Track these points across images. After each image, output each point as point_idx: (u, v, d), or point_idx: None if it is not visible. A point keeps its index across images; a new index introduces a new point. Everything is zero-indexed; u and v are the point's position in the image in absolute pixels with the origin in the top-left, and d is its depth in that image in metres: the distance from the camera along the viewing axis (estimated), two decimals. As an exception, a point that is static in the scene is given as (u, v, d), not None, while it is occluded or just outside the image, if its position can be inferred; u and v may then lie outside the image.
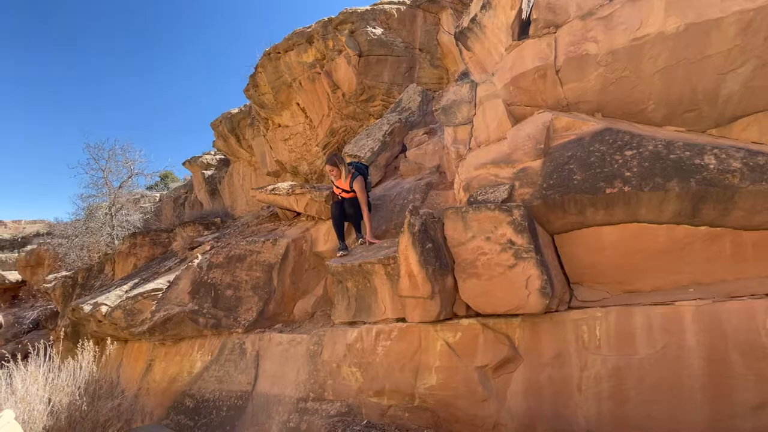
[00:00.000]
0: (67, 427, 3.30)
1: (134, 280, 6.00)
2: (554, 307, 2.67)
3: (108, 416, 3.50)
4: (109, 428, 3.48)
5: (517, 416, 2.68)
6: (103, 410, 3.48)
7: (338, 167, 4.20)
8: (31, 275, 19.54)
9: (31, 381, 3.24)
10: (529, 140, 2.98)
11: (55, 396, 3.32)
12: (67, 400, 3.39)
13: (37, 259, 19.08)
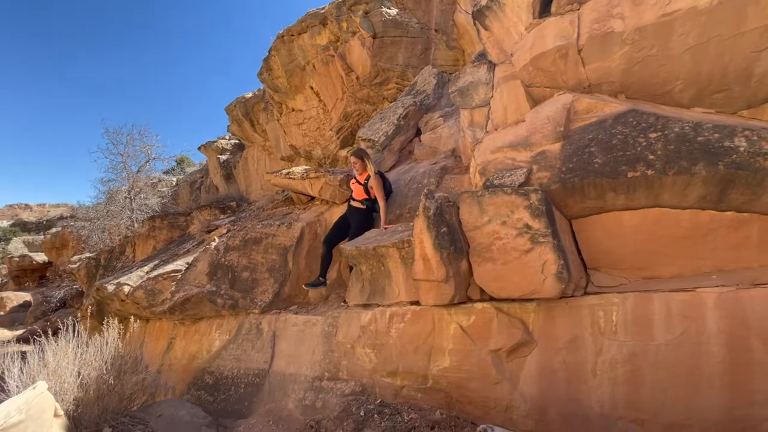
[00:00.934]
0: (96, 399, 3.47)
1: (154, 262, 6.18)
2: (570, 293, 2.65)
3: (133, 390, 3.67)
4: (135, 401, 3.65)
5: (530, 399, 2.70)
6: (128, 384, 3.64)
7: (363, 161, 4.21)
8: (57, 256, 20.33)
9: (61, 355, 3.40)
10: (549, 123, 2.91)
11: (84, 370, 3.49)
12: (95, 373, 3.55)
13: (62, 241, 19.79)
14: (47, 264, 21.16)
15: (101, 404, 3.48)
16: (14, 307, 18.33)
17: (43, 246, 21.37)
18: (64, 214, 27.69)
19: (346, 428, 3.10)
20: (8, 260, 22.39)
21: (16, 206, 41.07)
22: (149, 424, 3.49)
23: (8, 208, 40.62)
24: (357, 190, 4.24)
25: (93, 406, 3.43)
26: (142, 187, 13.64)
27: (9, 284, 21.97)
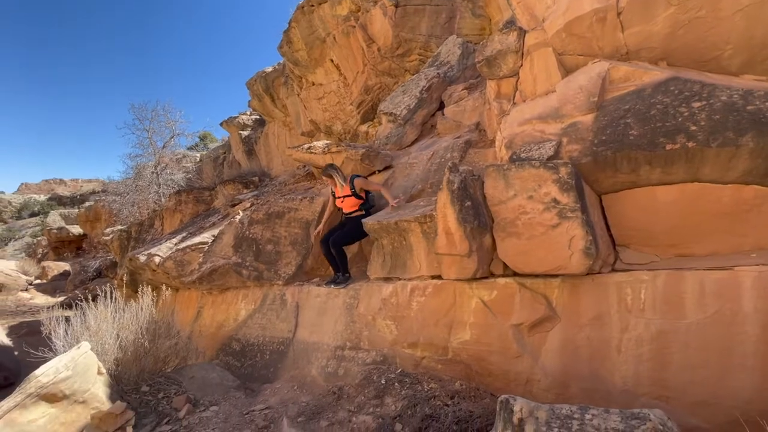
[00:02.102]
0: (134, 360, 3.70)
1: (182, 234, 6.39)
2: (597, 269, 2.59)
3: (167, 353, 3.89)
4: (169, 363, 3.88)
5: (551, 373, 2.70)
6: (162, 347, 3.86)
7: (333, 177, 4.20)
8: (91, 229, 21.34)
9: (101, 318, 3.62)
10: (581, 93, 2.77)
11: (122, 333, 3.71)
12: (132, 336, 3.78)
13: (95, 215, 20.71)
14: (83, 236, 22.27)
15: (139, 365, 3.72)
16: (55, 275, 19.54)
17: (78, 219, 22.45)
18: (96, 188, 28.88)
19: (368, 395, 3.21)
20: (47, 232, 23.72)
21: (52, 181, 43.03)
22: (183, 384, 3.71)
23: (45, 183, 42.62)
24: (348, 202, 4.21)
25: (131, 366, 3.66)
26: (168, 162, 13.99)
27: (49, 255, 23.34)
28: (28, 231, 29.33)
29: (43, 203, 33.99)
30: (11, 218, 33.47)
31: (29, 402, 2.55)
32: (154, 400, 3.47)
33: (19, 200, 35.63)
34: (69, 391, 2.73)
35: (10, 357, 7.77)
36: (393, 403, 3.01)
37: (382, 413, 2.93)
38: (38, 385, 2.61)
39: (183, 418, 3.24)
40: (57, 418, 2.65)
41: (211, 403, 3.45)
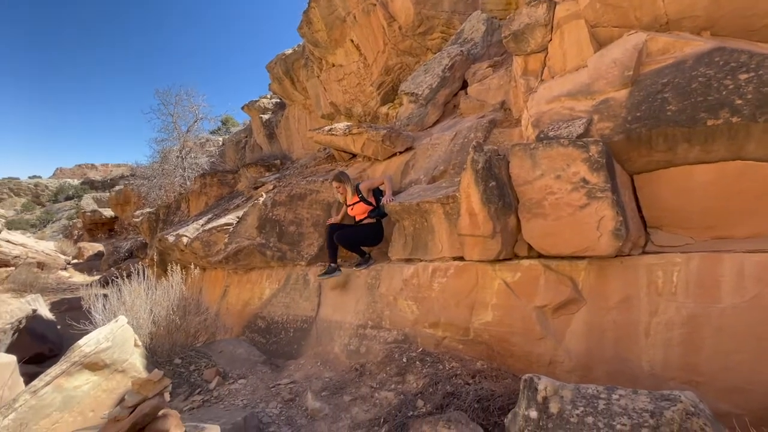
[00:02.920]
0: (166, 334, 3.89)
1: (208, 216, 6.58)
2: (627, 251, 2.52)
3: (197, 328, 4.07)
4: (199, 338, 4.06)
5: (575, 355, 2.68)
6: (192, 323, 4.03)
7: (344, 184, 4.14)
8: (122, 211, 22.23)
9: (135, 295, 3.81)
10: (615, 67, 2.64)
11: (155, 309, 3.89)
12: (163, 312, 3.96)
13: (125, 198, 21.53)
14: (114, 218, 23.26)
15: (171, 339, 3.91)
16: (90, 255, 20.59)
17: (109, 202, 23.42)
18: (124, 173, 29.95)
19: (389, 372, 3.28)
20: (82, 215, 24.89)
21: (84, 166, 44.84)
22: (212, 358, 3.88)
23: (78, 167, 44.47)
24: (358, 209, 4.13)
25: (164, 340, 3.86)
26: (192, 146, 14.31)
27: (84, 236, 24.55)
28: (64, 214, 30.87)
29: (77, 187, 35.57)
30: (48, 201, 35.25)
31: (74, 370, 2.73)
32: (186, 372, 3.65)
33: (55, 184, 37.40)
34: (109, 361, 2.90)
35: (54, 331, 8.31)
36: (414, 380, 3.07)
37: (403, 390, 2.99)
38: (82, 355, 2.78)
39: (214, 389, 3.40)
40: (99, 385, 2.83)
41: (239, 376, 3.60)
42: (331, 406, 3.02)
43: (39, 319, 7.82)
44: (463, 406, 2.60)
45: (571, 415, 1.65)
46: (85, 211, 24.66)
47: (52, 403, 2.55)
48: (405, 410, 2.71)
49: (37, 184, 37.25)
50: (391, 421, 2.64)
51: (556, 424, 1.67)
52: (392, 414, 2.71)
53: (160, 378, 1.85)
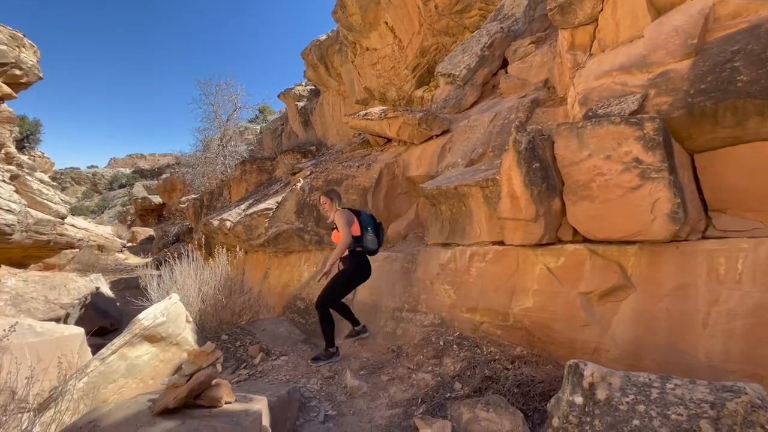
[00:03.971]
0: (213, 312, 4.12)
1: (249, 201, 6.84)
2: (684, 236, 2.35)
3: (241, 307, 4.28)
4: (244, 316, 4.27)
5: (622, 344, 2.56)
6: (237, 302, 4.24)
7: (331, 200, 3.50)
8: (169, 198, 23.61)
9: (186, 275, 4.05)
10: (677, 35, 2.42)
11: (203, 288, 4.13)
12: (211, 291, 4.19)
13: (171, 185, 22.82)
14: (162, 204, 24.76)
15: (218, 317, 4.14)
16: (142, 239, 22.14)
17: (157, 189, 24.92)
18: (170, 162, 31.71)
19: (426, 355, 3.30)
20: (134, 201, 26.70)
21: (135, 156, 47.86)
22: (256, 335, 4.08)
23: (129, 157, 47.55)
24: (335, 234, 3.53)
25: (211, 317, 4.09)
26: (232, 135, 14.85)
27: (136, 221, 26.37)
28: (119, 200, 33.26)
29: (129, 176, 38.10)
30: (104, 189, 38.09)
31: (135, 341, 2.97)
32: (233, 347, 3.86)
33: (110, 174, 40.28)
34: (165, 334, 3.13)
35: (114, 307, 9.07)
36: (452, 363, 3.07)
37: (440, 372, 3.01)
38: (141, 327, 3.01)
39: (258, 364, 3.58)
40: (157, 356, 3.06)
41: (281, 353, 3.77)
42: (369, 385, 3.09)
43: (101, 296, 8.55)
44: (501, 391, 2.58)
45: (620, 402, 1.59)
46: (137, 198, 26.44)
47: (117, 370, 2.80)
48: (442, 391, 2.72)
49: (94, 173, 40.29)
50: (429, 401, 2.67)
51: (604, 411, 1.61)
52: (429, 395, 2.74)
53: (213, 350, 1.97)
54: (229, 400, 2.00)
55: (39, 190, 10.59)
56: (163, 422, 1.72)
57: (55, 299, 6.49)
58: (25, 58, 10.48)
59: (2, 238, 8.15)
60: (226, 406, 1.95)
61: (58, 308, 6.45)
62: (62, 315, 6.51)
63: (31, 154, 16.48)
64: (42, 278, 6.93)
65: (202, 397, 1.91)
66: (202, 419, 1.77)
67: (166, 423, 1.71)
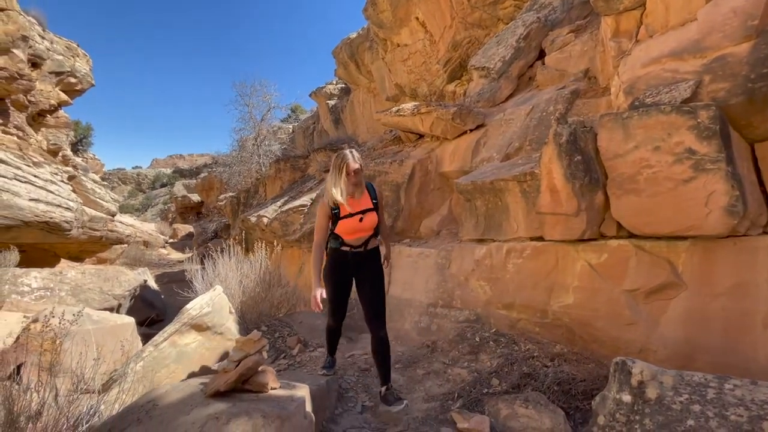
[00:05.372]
0: (253, 304, 4.30)
1: (284, 198, 7.04)
2: (743, 231, 2.21)
3: (279, 300, 4.43)
4: (281, 308, 4.42)
5: (672, 344, 2.45)
6: (276, 295, 4.40)
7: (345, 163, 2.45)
8: (207, 196, 24.68)
9: (228, 268, 4.24)
10: (735, 16, 2.27)
11: (244, 281, 4.31)
12: (251, 284, 4.37)
13: (209, 184, 23.84)
14: (201, 202, 25.94)
15: (257, 309, 4.31)
16: (183, 236, 23.29)
17: (196, 188, 26.12)
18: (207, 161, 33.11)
19: (462, 351, 3.29)
20: (175, 200, 28.13)
21: (175, 156, 50.37)
22: (293, 327, 4.21)
23: (169, 158, 50.11)
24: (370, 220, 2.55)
25: (252, 309, 4.27)
26: (266, 134, 15.29)
27: (177, 218, 27.77)
28: (161, 199, 35.15)
29: (170, 175, 40.14)
30: (148, 188, 40.37)
31: (184, 329, 3.15)
32: (272, 338, 4.01)
33: (152, 174, 42.61)
34: (210, 324, 3.30)
35: (159, 299, 9.62)
36: (488, 359, 3.04)
37: (477, 368, 2.99)
38: (189, 317, 3.19)
39: (296, 355, 3.71)
40: (204, 344, 3.24)
41: (318, 345, 3.87)
42: (405, 378, 3.12)
43: (148, 288, 9.09)
44: (541, 388, 2.54)
45: (673, 401, 1.53)
46: (177, 197, 27.83)
47: (168, 356, 2.98)
48: (479, 387, 2.71)
49: (138, 173, 42.76)
50: (465, 396, 2.66)
51: (655, 410, 1.56)
52: (466, 390, 2.73)
53: (259, 338, 2.06)
54: (274, 386, 2.09)
55: (92, 189, 11.38)
56: (216, 404, 1.82)
57: (109, 290, 6.98)
58: (79, 67, 11.27)
59: (62, 234, 8.84)
60: (272, 392, 2.04)
61: (112, 299, 6.93)
62: (115, 305, 6.99)
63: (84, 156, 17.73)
64: (97, 271, 7.47)
65: (250, 382, 2.01)
66: (250, 402, 1.86)
67: (219, 404, 1.81)
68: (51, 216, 8.28)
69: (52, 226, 8.35)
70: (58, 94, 10.62)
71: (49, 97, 10.18)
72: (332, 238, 2.61)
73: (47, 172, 8.92)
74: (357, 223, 2.51)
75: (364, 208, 2.54)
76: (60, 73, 10.59)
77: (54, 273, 6.80)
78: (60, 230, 8.66)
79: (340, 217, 2.52)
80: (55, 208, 8.50)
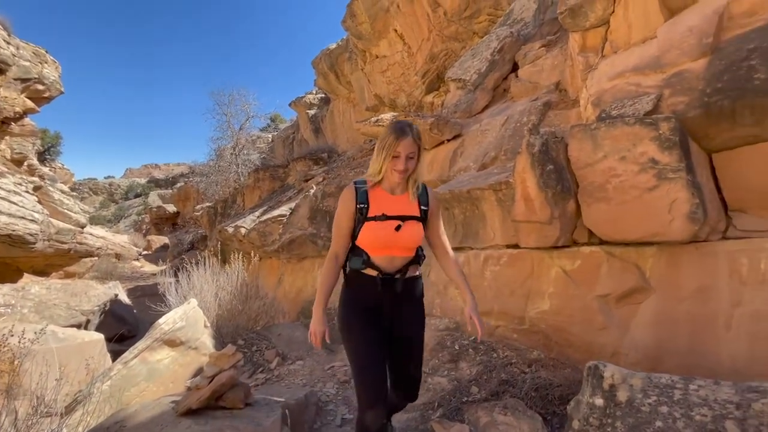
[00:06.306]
0: (230, 317, 4.19)
1: (262, 208, 6.95)
2: (704, 236, 2.31)
3: (257, 312, 4.34)
4: (259, 321, 4.33)
5: (642, 347, 2.52)
6: (253, 307, 4.31)
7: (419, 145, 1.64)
8: (183, 207, 24.06)
9: (203, 280, 4.13)
10: (691, 35, 2.41)
11: (220, 293, 4.20)
12: (227, 297, 4.27)
13: (185, 194, 23.27)
14: (177, 213, 25.25)
15: (234, 322, 4.20)
16: (158, 247, 22.55)
17: (172, 198, 25.45)
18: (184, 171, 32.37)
19: (442, 359, 3.29)
20: (149, 210, 27.28)
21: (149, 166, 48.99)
22: (272, 340, 4.12)
23: (144, 167, 48.69)
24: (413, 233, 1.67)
25: (228, 322, 4.16)
26: (244, 143, 15.10)
27: (151, 230, 26.90)
28: (134, 210, 34.01)
29: (144, 185, 38.95)
30: (121, 199, 39.01)
31: (156, 345, 3.04)
32: (249, 352, 3.91)
33: (126, 184, 41.26)
34: (184, 339, 3.19)
35: (131, 314, 9.24)
36: (468, 367, 3.06)
37: (457, 376, 3.00)
38: (162, 332, 3.08)
39: (274, 368, 3.63)
40: (176, 360, 3.13)
41: (297, 358, 3.80)
42: (385, 389, 3.10)
43: (119, 303, 8.73)
44: (519, 395, 2.56)
45: (642, 404, 1.58)
46: (152, 207, 27.00)
47: (139, 374, 2.86)
48: (459, 395, 2.72)
49: (111, 183, 41.30)
50: (446, 405, 2.66)
51: (625, 413, 1.60)
52: (446, 398, 2.73)
53: (233, 352, 2.01)
54: (249, 402, 2.03)
55: (60, 200, 10.91)
56: (187, 422, 1.76)
57: (77, 306, 6.66)
58: (48, 74, 10.88)
59: (26, 247, 8.41)
60: (247, 408, 1.99)
61: (79, 315, 6.61)
62: (83, 321, 6.67)
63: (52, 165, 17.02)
64: (64, 285, 7.12)
65: (224, 398, 1.95)
66: (224, 420, 1.80)
67: (190, 423, 1.75)
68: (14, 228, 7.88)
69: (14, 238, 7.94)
70: (24, 102, 10.20)
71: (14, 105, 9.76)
72: (353, 255, 1.68)
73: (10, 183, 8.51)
74: (391, 232, 1.58)
75: (405, 213, 1.61)
76: (26, 80, 10.19)
77: (16, 289, 6.44)
78: (24, 243, 8.24)
79: (366, 218, 1.61)
80: (18, 220, 8.09)
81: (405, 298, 1.72)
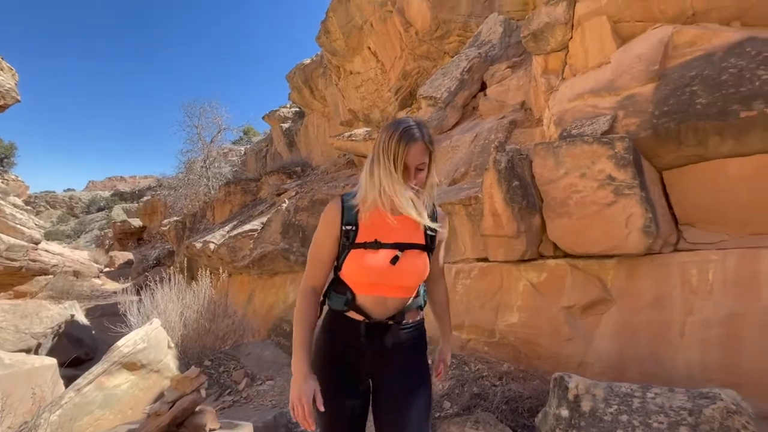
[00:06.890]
0: (196, 337, 4.02)
1: (233, 223, 6.78)
2: (658, 249, 2.45)
3: (225, 331, 4.19)
4: (228, 340, 4.17)
5: (606, 357, 2.61)
6: (221, 326, 4.15)
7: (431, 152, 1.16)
8: (149, 221, 23.08)
9: (167, 299, 3.95)
10: (640, 62, 2.60)
11: (186, 312, 4.03)
12: (194, 316, 4.10)
13: (152, 208, 22.36)
14: (143, 228, 24.16)
15: (201, 342, 4.03)
16: (121, 264, 21.41)
17: (138, 212, 24.39)
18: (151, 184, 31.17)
19: (415, 374, 3.27)
20: (113, 225, 25.97)
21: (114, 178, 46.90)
22: (240, 360, 3.98)
23: (108, 180, 46.55)
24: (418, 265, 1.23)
25: (194, 342, 3.98)
26: (216, 156, 14.77)
27: (115, 245, 25.57)
28: (97, 224, 32.28)
29: (108, 199, 37.16)
30: (82, 213, 36.98)
31: (114, 369, 2.86)
32: (216, 373, 3.75)
33: (87, 197, 39.21)
34: (146, 361, 3.03)
35: (89, 335, 8.69)
36: (440, 382, 3.05)
37: (429, 392, 2.99)
38: (120, 355, 2.91)
39: (243, 390, 3.49)
40: (137, 384, 2.95)
41: (266, 378, 3.68)
42: (358, 408, 3.04)
43: (76, 324, 8.19)
44: (490, 408, 2.58)
45: (605, 413, 1.63)
46: (116, 222, 25.74)
47: (94, 401, 2.68)
48: (432, 411, 2.70)
49: (71, 196, 39.15)
50: (418, 422, 2.64)
51: (589, 423, 1.64)
52: (419, 415, 2.71)
53: (197, 375, 1.92)
54: (214, 427, 1.94)
55: (12, 214, 10.21)
56: (144, 453, 1.65)
57: (27, 329, 6.19)
58: (3, 81, 10.31)
59: (-29, 265, 7.78)
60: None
61: (29, 338, 6.14)
62: (33, 345, 6.20)
63: (5, 177, 15.99)
64: (12, 307, 6.62)
65: (186, 424, 1.86)
66: (185, 448, 1.71)
67: (147, 454, 1.65)
68: (-42, 246, 7.28)
69: (-42, 257, 7.33)
70: (-25, 110, 9.59)
71: (-36, 113, 9.16)
72: (333, 291, 1.27)
73: (-44, 196, 7.90)
74: (385, 265, 1.18)
75: (407, 240, 1.21)
76: (-22, 88, 9.60)
77: (-43, 311, 5.93)
78: (-31, 262, 7.62)
79: (353, 244, 1.20)
80: (-37, 237, 7.50)
81: (399, 350, 1.26)
